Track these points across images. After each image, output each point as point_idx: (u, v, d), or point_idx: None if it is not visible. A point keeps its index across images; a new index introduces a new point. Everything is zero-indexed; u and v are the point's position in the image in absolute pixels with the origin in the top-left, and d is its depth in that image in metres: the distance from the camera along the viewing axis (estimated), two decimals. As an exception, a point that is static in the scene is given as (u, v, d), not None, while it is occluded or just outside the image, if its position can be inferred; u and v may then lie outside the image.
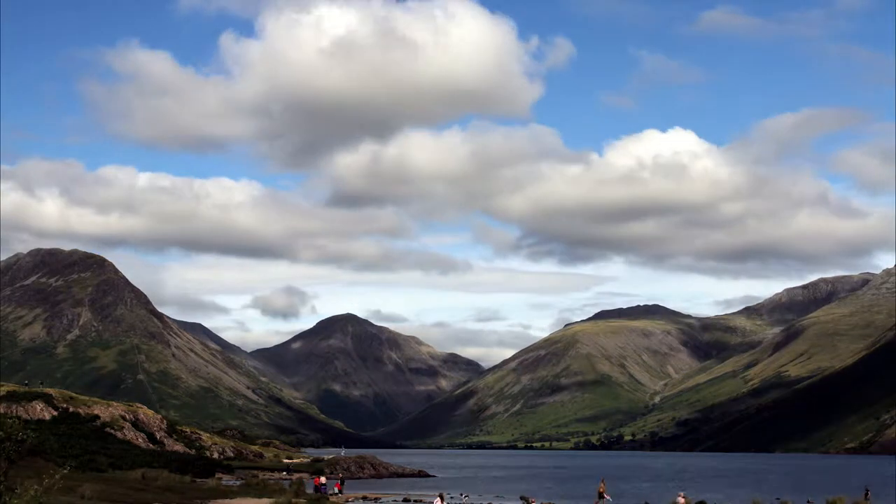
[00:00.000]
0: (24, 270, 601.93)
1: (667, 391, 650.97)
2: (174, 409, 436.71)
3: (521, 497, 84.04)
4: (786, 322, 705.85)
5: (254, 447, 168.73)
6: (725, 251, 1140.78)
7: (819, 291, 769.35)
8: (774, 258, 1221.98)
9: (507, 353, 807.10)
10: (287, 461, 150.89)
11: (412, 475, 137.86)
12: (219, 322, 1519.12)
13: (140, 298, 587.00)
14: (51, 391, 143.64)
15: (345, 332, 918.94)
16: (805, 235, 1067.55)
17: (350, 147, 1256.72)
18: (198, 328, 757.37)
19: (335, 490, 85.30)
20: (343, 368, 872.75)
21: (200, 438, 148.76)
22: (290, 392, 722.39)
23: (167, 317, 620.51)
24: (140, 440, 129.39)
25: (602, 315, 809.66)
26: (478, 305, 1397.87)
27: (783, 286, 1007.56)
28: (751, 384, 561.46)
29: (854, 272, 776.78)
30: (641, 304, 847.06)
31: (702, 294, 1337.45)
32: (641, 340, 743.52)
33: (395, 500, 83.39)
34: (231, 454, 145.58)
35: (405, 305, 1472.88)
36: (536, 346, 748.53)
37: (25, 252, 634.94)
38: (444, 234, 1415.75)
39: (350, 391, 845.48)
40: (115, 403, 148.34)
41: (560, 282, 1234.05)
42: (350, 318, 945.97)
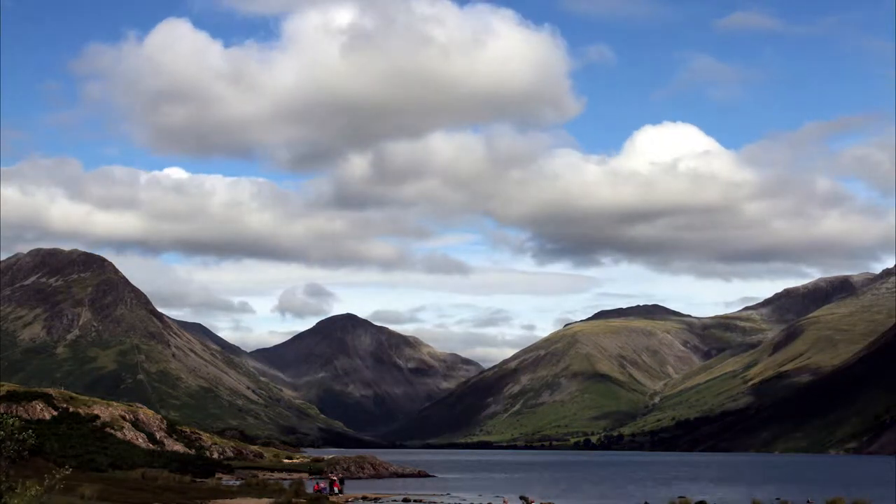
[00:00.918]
0: (24, 270, 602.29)
1: (667, 391, 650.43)
2: (174, 409, 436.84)
3: (521, 497, 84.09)
4: (786, 322, 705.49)
5: (254, 447, 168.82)
6: (726, 251, 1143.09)
7: (819, 291, 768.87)
8: (774, 258, 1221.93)
9: (510, 355, 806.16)
10: (287, 461, 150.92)
11: (412, 475, 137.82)
12: (219, 322, 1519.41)
13: (140, 298, 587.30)
14: (50, 391, 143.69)
15: (345, 333, 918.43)
16: (805, 235, 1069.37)
17: (361, 148, 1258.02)
18: (198, 328, 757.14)
19: (335, 490, 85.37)
20: (343, 368, 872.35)
21: (200, 438, 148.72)
22: (290, 392, 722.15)
23: (167, 317, 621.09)
24: (140, 440, 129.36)
25: (602, 315, 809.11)
26: (483, 306, 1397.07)
27: (783, 286, 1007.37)
28: (751, 384, 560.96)
29: (854, 272, 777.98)
30: (641, 304, 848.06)
31: (702, 294, 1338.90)
32: (641, 340, 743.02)
33: (395, 501, 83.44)
34: (231, 454, 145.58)
35: (405, 305, 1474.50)
36: (536, 346, 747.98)
37: (25, 252, 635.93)
38: (450, 236, 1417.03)
39: (350, 391, 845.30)
40: (115, 403, 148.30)
41: (566, 283, 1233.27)
42: (350, 319, 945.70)
